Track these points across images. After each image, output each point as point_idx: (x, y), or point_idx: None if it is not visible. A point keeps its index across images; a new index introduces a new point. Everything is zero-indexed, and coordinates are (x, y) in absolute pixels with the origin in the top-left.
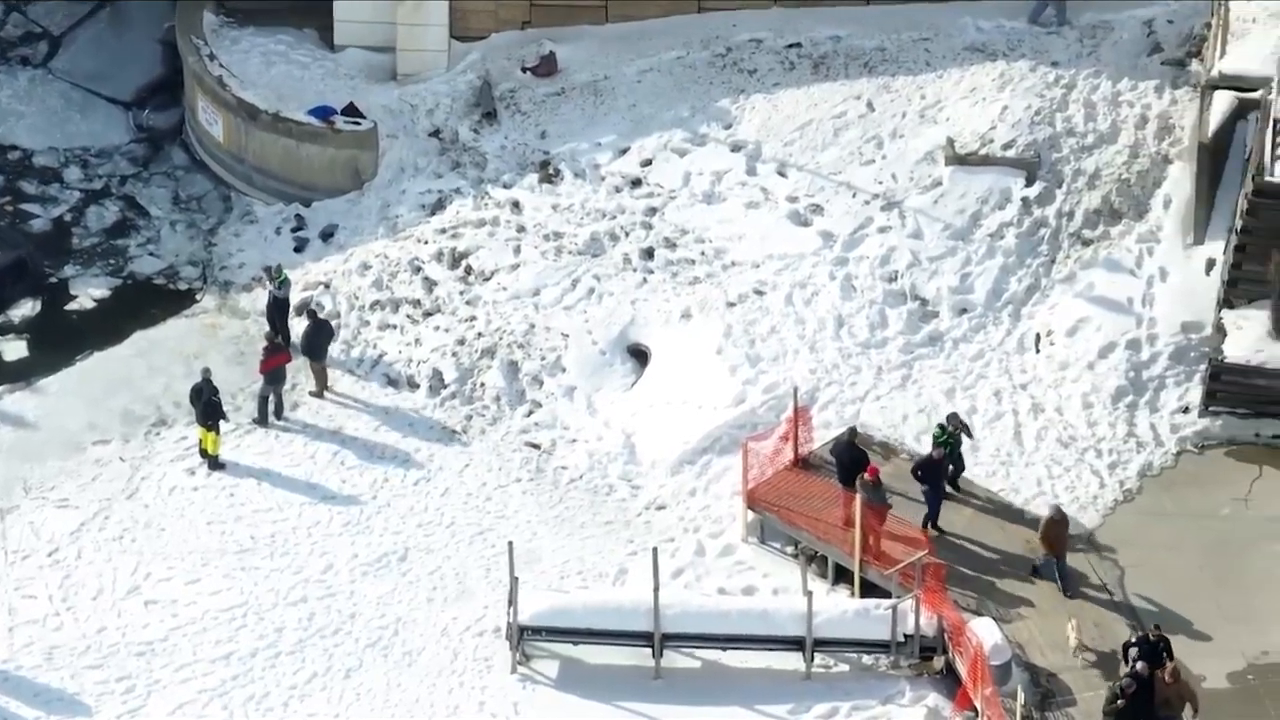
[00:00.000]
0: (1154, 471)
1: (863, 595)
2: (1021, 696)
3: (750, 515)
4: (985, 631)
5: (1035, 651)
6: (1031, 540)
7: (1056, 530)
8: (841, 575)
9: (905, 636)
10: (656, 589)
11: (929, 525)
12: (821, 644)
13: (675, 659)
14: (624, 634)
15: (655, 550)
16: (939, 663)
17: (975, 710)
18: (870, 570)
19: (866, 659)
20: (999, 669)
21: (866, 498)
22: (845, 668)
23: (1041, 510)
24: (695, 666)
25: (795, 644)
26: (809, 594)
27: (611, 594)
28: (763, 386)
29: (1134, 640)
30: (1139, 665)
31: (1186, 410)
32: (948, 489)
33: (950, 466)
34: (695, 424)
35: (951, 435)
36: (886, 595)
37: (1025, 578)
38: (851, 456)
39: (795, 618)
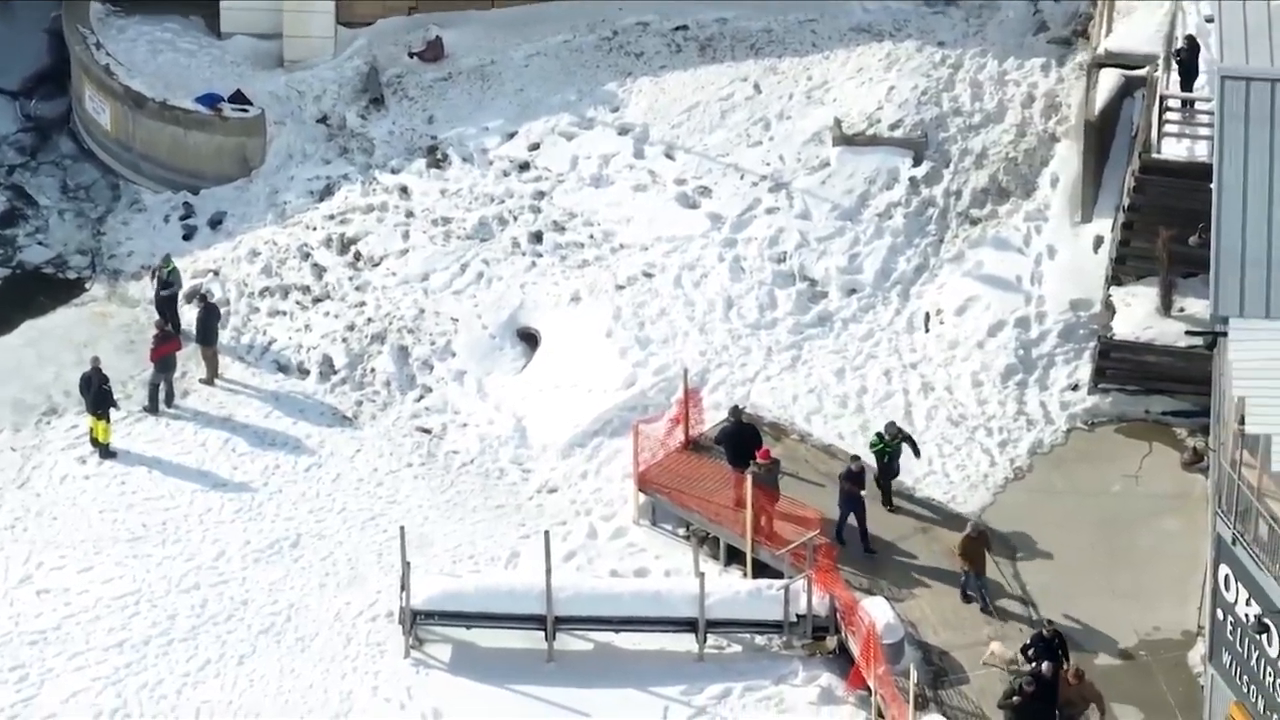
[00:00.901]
0: (1044, 449)
1: (755, 576)
2: (914, 675)
3: (642, 497)
4: (877, 610)
5: (928, 630)
6: (928, 527)
7: (975, 547)
8: (734, 556)
9: (798, 616)
10: (549, 572)
11: (839, 535)
12: (714, 625)
13: (568, 642)
14: (517, 617)
15: (547, 533)
16: (832, 642)
17: (868, 689)
18: (762, 551)
19: (759, 639)
20: (891, 648)
21: (758, 479)
22: (738, 648)
23: (933, 491)
24: (588, 649)
25: (688, 625)
26: (701, 575)
27: (504, 577)
28: (653, 369)
29: (1030, 640)
30: (1044, 665)
31: (1076, 387)
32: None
33: (880, 476)
34: (586, 407)
35: (889, 444)
36: (779, 576)
37: (915, 556)
38: (741, 436)
39: (688, 599)
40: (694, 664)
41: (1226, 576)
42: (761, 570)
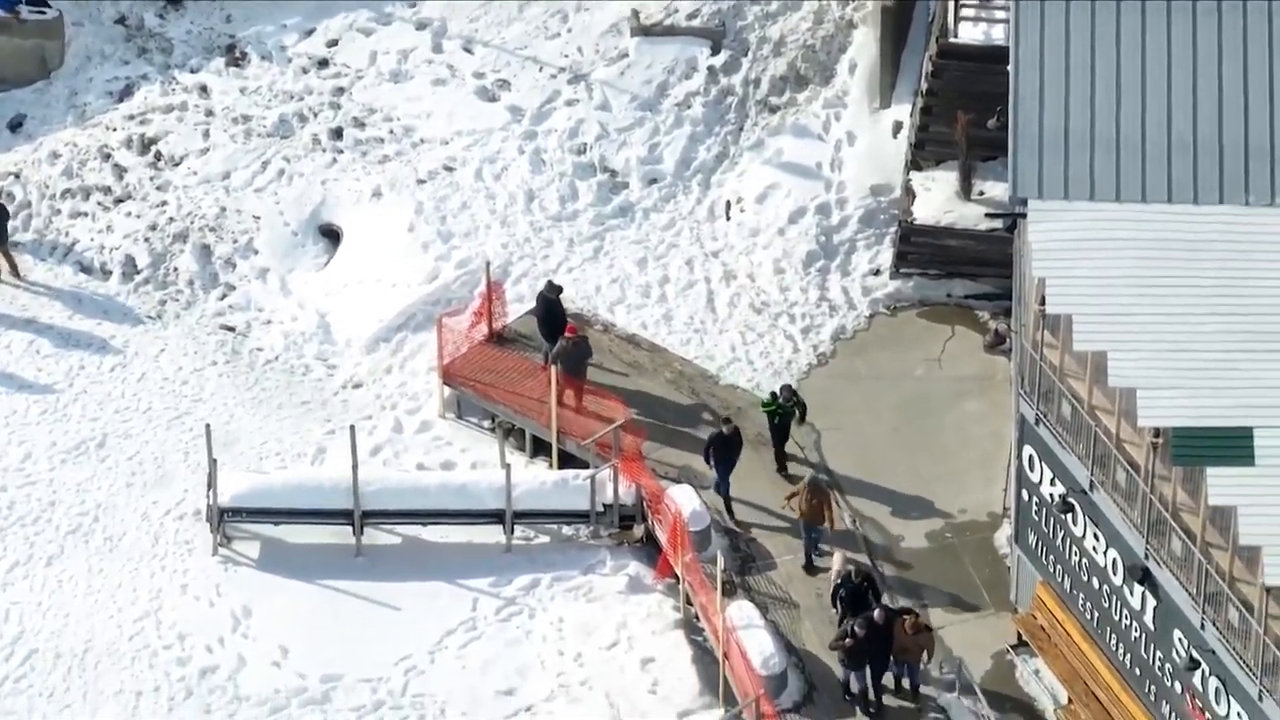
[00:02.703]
0: (847, 335)
1: (561, 467)
2: (721, 561)
3: (447, 391)
4: (683, 498)
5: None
6: (733, 414)
7: (815, 500)
8: (540, 448)
9: (604, 506)
10: (355, 467)
11: (729, 510)
12: (521, 516)
13: (376, 536)
14: (324, 512)
15: (353, 428)
16: (639, 531)
17: (676, 577)
18: (568, 441)
19: (567, 530)
20: (698, 535)
21: (564, 363)
22: (546, 539)
23: (736, 378)
24: (396, 543)
25: (495, 517)
26: (507, 467)
27: (311, 473)
28: (455, 262)
29: (839, 581)
30: (876, 614)
31: (878, 273)
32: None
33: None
34: (389, 302)
35: (781, 407)
36: (585, 466)
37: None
38: (552, 313)
39: (494, 491)
40: (502, 555)
41: (1031, 457)
42: (568, 461)
